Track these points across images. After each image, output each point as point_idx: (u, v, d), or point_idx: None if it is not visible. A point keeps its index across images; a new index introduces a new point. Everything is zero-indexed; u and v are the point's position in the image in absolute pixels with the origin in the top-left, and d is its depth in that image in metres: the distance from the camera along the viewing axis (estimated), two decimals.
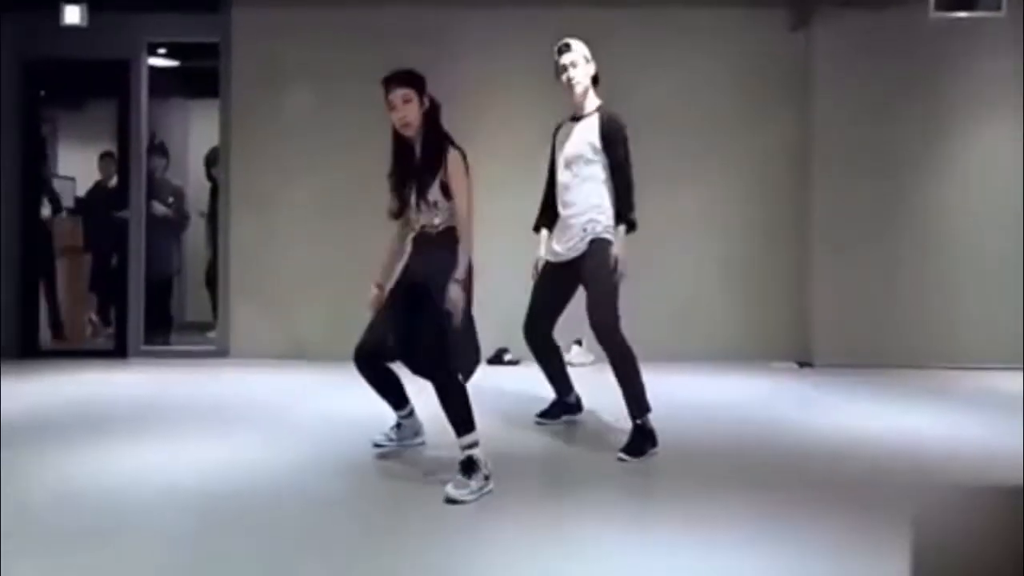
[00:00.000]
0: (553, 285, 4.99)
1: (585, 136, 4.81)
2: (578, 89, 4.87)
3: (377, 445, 4.58)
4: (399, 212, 4.30)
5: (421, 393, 4.31)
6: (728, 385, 6.87)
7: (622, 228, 4.68)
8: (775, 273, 8.24)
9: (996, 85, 7.99)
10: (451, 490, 3.70)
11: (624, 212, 4.69)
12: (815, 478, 4.10)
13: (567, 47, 4.93)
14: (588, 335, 7.75)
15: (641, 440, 4.50)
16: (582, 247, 4.73)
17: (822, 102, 8.05)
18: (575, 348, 7.86)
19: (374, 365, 4.30)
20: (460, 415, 3.88)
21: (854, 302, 7.97)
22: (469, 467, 3.80)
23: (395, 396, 4.50)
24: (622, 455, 4.41)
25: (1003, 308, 7.81)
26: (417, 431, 4.64)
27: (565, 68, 4.90)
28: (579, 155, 4.79)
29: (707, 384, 6.92)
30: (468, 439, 3.87)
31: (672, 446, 4.68)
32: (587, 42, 4.99)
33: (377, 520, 3.51)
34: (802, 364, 7.97)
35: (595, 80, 4.93)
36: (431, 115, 4.18)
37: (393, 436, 4.61)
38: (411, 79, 4.21)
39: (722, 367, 7.61)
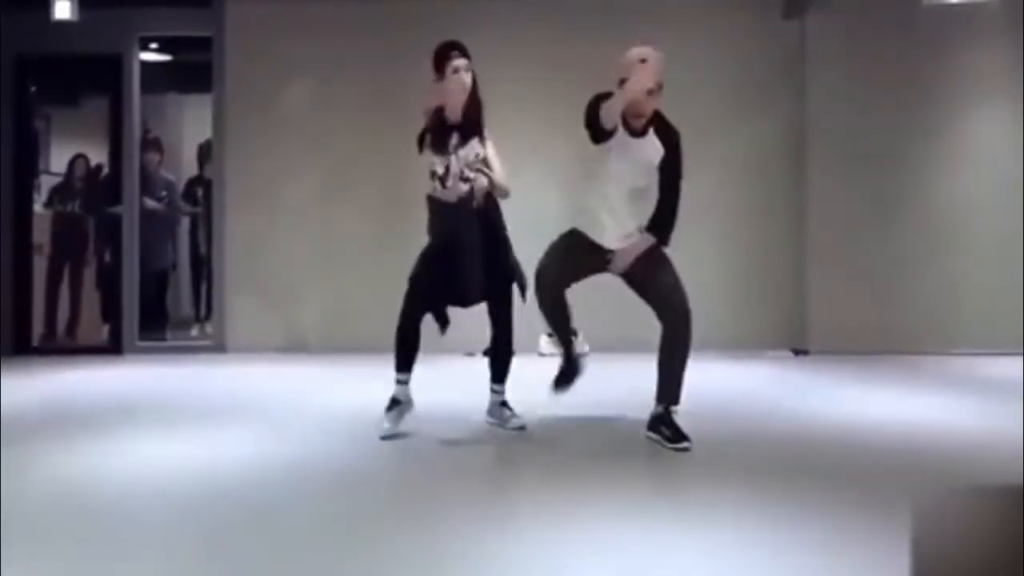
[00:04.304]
0: (589, 264, 4.71)
1: (655, 152, 4.62)
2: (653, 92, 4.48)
3: (386, 431, 4.64)
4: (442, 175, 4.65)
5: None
6: (724, 374, 6.87)
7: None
8: (770, 261, 8.24)
9: (990, 72, 7.99)
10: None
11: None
12: (814, 467, 4.10)
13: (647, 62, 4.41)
14: (584, 326, 7.75)
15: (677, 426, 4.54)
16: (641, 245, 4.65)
17: (817, 90, 8.04)
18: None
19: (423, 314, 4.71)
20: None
21: (849, 289, 7.97)
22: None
23: (415, 352, 4.75)
24: (681, 445, 4.41)
25: (1000, 293, 7.82)
26: (410, 401, 4.77)
27: (649, 91, 4.45)
28: (648, 170, 4.64)
29: (702, 373, 6.90)
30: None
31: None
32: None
33: (391, 507, 3.52)
34: (797, 352, 7.98)
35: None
36: (475, 84, 4.69)
37: (396, 416, 4.69)
38: (466, 51, 4.69)
39: (717, 356, 7.61)
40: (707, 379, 6.66)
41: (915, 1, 7.66)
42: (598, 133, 4.47)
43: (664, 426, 4.53)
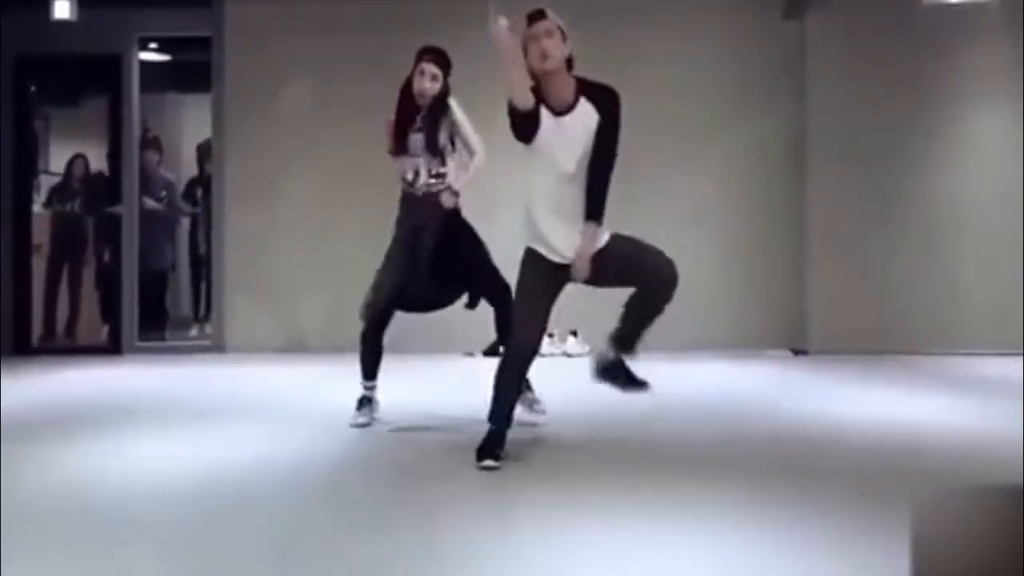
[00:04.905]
0: (555, 291, 4.20)
1: (591, 124, 4.01)
2: (552, 64, 3.90)
3: (361, 424, 4.93)
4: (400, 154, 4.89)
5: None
6: (723, 373, 6.87)
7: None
8: (770, 261, 8.24)
9: (990, 71, 7.99)
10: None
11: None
12: (813, 467, 4.10)
13: (541, 14, 3.97)
14: (583, 325, 7.77)
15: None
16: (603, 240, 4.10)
17: (817, 89, 8.03)
18: (571, 339, 7.87)
19: (383, 330, 4.93)
20: None
21: (848, 289, 7.97)
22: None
23: (378, 364, 5.01)
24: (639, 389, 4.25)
25: (999, 293, 7.82)
26: (377, 401, 5.05)
27: (537, 38, 3.90)
28: (585, 155, 4.04)
29: (701, 373, 6.92)
30: None
31: (670, 436, 4.70)
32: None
33: (386, 506, 3.52)
34: (797, 352, 7.98)
35: (569, 64, 4.02)
36: (443, 95, 4.83)
37: (368, 412, 4.98)
38: (443, 60, 4.84)
39: (717, 355, 7.61)
40: (706, 379, 6.68)
41: (915, 1, 7.66)
42: (518, 120, 3.93)
43: (620, 372, 4.25)
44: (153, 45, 9.19)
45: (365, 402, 5.01)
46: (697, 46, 8.26)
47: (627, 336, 4.19)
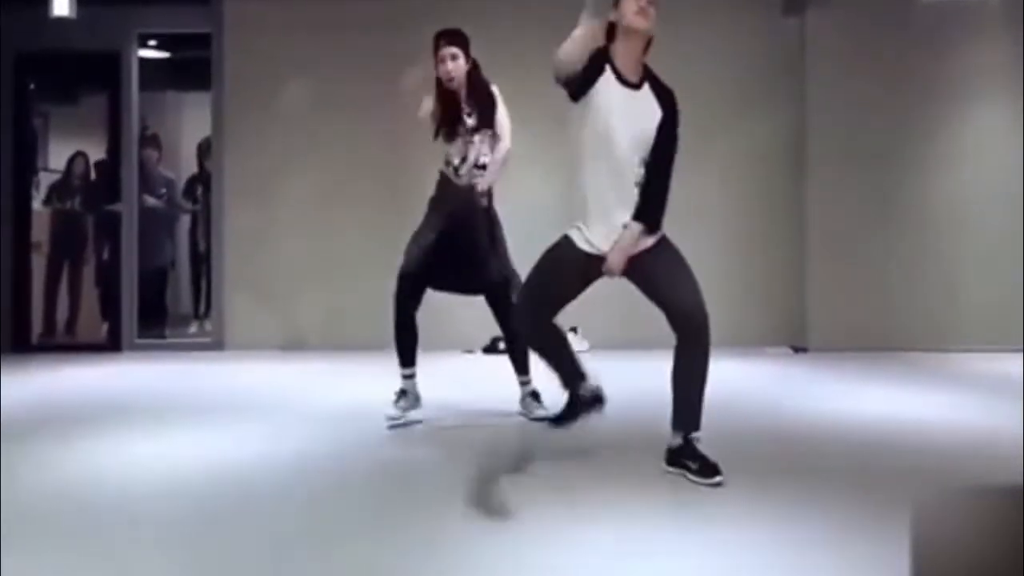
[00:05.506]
0: (582, 278, 3.91)
1: (654, 113, 3.90)
2: (647, 24, 3.85)
3: (392, 418, 4.77)
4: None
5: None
6: (723, 371, 6.81)
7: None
8: (770, 258, 8.24)
9: (990, 69, 7.99)
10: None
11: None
12: (813, 465, 4.10)
13: None
14: (583, 323, 7.76)
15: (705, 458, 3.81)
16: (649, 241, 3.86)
17: (817, 87, 8.03)
18: (570, 335, 7.85)
19: (416, 302, 4.79)
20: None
21: (848, 286, 7.97)
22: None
23: (415, 346, 4.83)
24: (713, 480, 3.68)
25: (999, 293, 7.82)
26: (417, 395, 4.89)
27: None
28: (648, 137, 3.86)
29: None
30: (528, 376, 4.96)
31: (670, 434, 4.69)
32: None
33: (387, 507, 3.51)
34: (797, 349, 7.98)
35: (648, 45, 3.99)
36: (474, 72, 4.80)
37: (403, 406, 4.81)
38: (458, 37, 4.83)
39: (716, 353, 7.57)
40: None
41: None
42: (570, 74, 3.68)
43: (688, 459, 3.81)
44: (152, 42, 9.18)
45: (402, 394, 4.84)
46: (696, 45, 8.24)
47: (686, 411, 3.92)
